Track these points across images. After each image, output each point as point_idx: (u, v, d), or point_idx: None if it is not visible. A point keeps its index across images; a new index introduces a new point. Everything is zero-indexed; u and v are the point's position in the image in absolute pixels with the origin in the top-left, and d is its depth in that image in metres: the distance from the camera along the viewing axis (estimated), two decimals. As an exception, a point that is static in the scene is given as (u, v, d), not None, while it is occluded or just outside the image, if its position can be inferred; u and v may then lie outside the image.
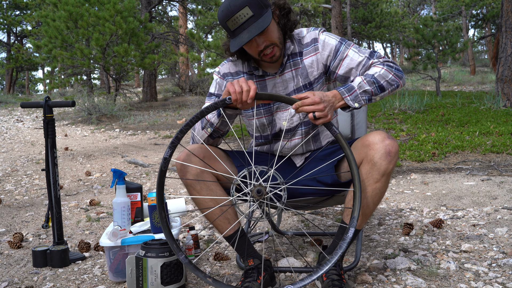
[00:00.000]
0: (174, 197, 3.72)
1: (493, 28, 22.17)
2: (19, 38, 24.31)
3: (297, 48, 1.89)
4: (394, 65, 1.78)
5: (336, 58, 1.84)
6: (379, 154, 1.65)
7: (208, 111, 1.59)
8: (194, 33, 11.11)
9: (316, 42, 1.87)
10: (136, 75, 24.65)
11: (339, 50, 1.84)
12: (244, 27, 1.68)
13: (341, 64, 1.83)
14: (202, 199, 1.76)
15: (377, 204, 1.73)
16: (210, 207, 1.76)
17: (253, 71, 1.90)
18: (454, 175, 3.98)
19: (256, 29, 1.67)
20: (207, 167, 1.76)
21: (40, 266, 2.21)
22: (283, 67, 1.87)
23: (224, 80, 1.94)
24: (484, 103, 7.53)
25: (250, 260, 1.79)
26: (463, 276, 1.86)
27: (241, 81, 1.60)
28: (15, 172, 5.11)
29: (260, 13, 1.69)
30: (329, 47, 1.85)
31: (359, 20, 21.17)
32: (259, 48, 1.74)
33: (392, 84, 1.73)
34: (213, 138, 1.85)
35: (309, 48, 1.87)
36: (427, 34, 10.06)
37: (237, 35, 1.70)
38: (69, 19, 10.67)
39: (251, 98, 1.57)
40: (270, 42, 1.74)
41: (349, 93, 1.66)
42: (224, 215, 1.77)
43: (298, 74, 1.88)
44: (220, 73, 1.95)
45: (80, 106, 10.20)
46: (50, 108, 2.29)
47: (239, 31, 1.69)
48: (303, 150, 1.97)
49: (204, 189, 1.75)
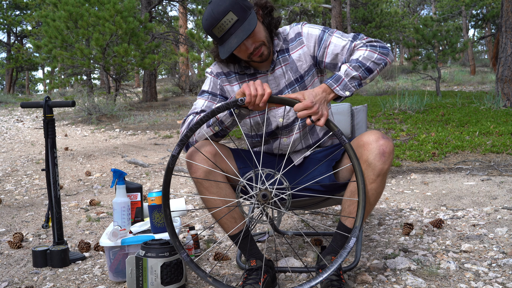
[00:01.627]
0: (174, 197, 3.72)
1: (493, 28, 22.18)
2: (19, 38, 24.31)
3: (284, 44, 1.90)
4: (378, 43, 1.77)
5: (321, 47, 1.85)
6: (373, 154, 1.65)
7: (219, 111, 1.59)
8: (194, 33, 11.11)
9: (300, 36, 1.88)
10: (136, 75, 24.65)
11: (323, 38, 1.85)
12: (231, 32, 1.69)
13: (326, 52, 1.84)
14: (211, 197, 1.76)
15: (374, 204, 1.73)
16: (218, 205, 1.76)
17: (244, 71, 1.90)
18: (454, 175, 3.98)
19: (243, 33, 1.67)
20: (217, 166, 1.76)
21: (40, 266, 2.21)
22: (274, 64, 1.88)
23: (218, 79, 1.94)
24: (484, 103, 7.53)
25: (253, 261, 1.79)
26: (463, 276, 1.86)
27: (257, 83, 1.59)
28: (15, 172, 5.11)
29: (245, 16, 1.70)
30: (313, 37, 1.86)
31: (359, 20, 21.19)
32: (248, 51, 1.75)
33: (379, 64, 1.72)
34: (216, 137, 1.85)
35: (294, 43, 1.89)
36: (427, 34, 10.06)
37: (225, 41, 1.71)
38: (69, 19, 10.67)
39: (263, 102, 1.58)
40: (259, 42, 1.75)
41: (337, 84, 1.67)
42: (231, 214, 1.77)
43: (288, 69, 1.89)
44: (213, 73, 1.95)
45: (80, 106, 10.20)
46: (50, 108, 2.29)
47: (226, 37, 1.70)
48: (302, 145, 1.97)
49: (214, 186, 1.75)
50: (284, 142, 1.95)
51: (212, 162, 1.73)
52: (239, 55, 1.78)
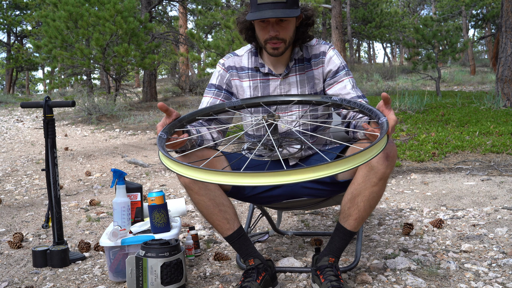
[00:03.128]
0: (174, 197, 3.72)
1: (493, 28, 22.17)
2: (19, 38, 24.30)
3: (304, 53, 1.91)
4: None
5: (333, 78, 1.89)
6: (377, 157, 1.65)
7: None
8: (194, 33, 11.11)
9: (324, 56, 1.91)
10: (136, 75, 24.65)
11: (339, 72, 1.89)
12: (271, 6, 1.70)
13: (334, 85, 1.88)
14: (200, 199, 1.76)
15: (373, 207, 1.73)
16: (208, 207, 1.76)
17: (259, 68, 1.90)
18: (454, 175, 3.98)
19: (281, 13, 1.69)
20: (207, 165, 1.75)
21: (40, 266, 2.21)
22: (289, 70, 1.89)
23: (227, 73, 1.93)
24: (484, 103, 7.53)
25: (251, 260, 1.78)
26: (463, 276, 1.86)
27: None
28: (15, 172, 5.11)
29: (292, 5, 1.72)
30: (333, 65, 1.89)
31: (359, 20, 21.19)
32: (269, 34, 1.75)
33: None
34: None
35: (317, 59, 1.91)
36: (427, 34, 10.06)
37: (260, 9, 1.71)
38: (69, 19, 10.67)
39: None
40: (282, 37, 1.76)
41: None
42: (223, 215, 1.77)
43: (304, 80, 1.89)
44: (224, 65, 1.94)
45: (80, 106, 10.20)
46: (50, 108, 2.29)
47: (264, 7, 1.71)
48: (302, 154, 1.98)
49: (203, 188, 1.74)
50: (283, 152, 1.95)
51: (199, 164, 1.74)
52: (260, 32, 1.79)
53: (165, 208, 2.02)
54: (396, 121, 1.51)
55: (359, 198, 1.69)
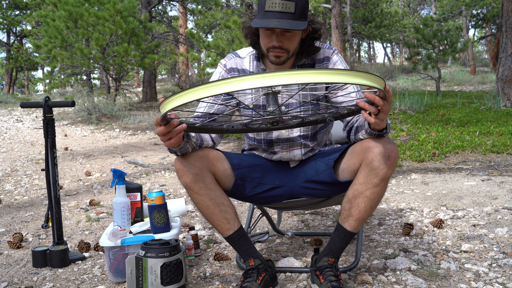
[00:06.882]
0: (174, 197, 3.72)
1: (493, 28, 22.17)
2: (19, 38, 24.29)
3: (308, 60, 1.88)
4: None
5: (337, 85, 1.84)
6: (379, 158, 1.64)
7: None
8: (194, 33, 11.10)
9: (328, 62, 1.87)
10: (136, 75, 24.64)
11: None
12: (278, 16, 1.66)
13: (338, 93, 1.83)
14: (201, 199, 1.76)
15: (374, 208, 1.72)
16: (209, 208, 1.76)
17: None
18: (454, 175, 3.97)
19: (287, 24, 1.65)
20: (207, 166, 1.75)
21: (39, 266, 2.21)
22: None
23: (229, 74, 1.91)
24: (484, 103, 7.53)
25: (251, 260, 1.78)
26: (463, 276, 1.86)
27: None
28: (15, 172, 5.10)
29: (300, 17, 1.69)
30: None
31: (359, 20, 21.18)
32: (272, 43, 1.72)
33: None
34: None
35: (321, 65, 1.87)
36: (427, 34, 10.05)
37: (267, 17, 1.68)
38: (69, 19, 10.66)
39: None
40: (286, 47, 1.73)
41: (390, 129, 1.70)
42: (223, 215, 1.77)
43: (307, 88, 1.86)
44: (226, 67, 1.91)
45: (80, 106, 10.19)
46: (50, 108, 2.29)
47: (270, 15, 1.67)
48: (302, 158, 1.98)
49: (203, 188, 1.74)
50: (284, 156, 1.94)
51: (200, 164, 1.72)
52: (263, 39, 1.76)
53: (165, 208, 2.01)
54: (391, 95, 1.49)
55: (360, 198, 1.69)
